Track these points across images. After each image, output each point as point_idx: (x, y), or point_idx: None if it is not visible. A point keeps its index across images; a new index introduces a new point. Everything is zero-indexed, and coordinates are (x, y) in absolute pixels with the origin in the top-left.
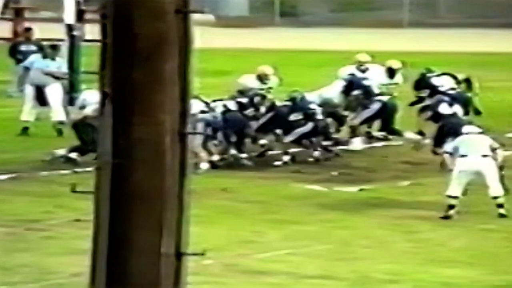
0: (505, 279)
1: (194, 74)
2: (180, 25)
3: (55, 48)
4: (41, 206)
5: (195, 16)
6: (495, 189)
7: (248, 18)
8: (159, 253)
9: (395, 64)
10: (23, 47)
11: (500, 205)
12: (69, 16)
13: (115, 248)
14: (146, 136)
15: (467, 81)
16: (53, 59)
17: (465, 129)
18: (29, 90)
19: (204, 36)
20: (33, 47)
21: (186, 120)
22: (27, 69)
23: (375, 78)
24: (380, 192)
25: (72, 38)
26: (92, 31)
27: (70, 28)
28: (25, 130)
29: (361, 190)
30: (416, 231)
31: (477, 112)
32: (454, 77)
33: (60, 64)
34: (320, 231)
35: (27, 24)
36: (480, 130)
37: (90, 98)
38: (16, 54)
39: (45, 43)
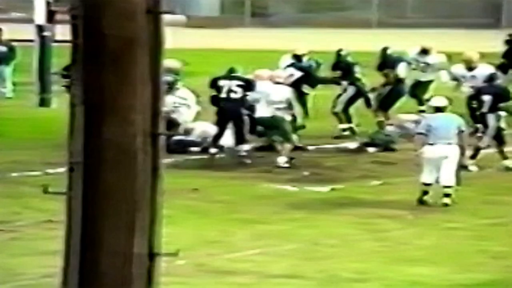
0: (470, 277)
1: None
2: (151, 26)
3: None
4: (8, 207)
5: (166, 17)
6: (448, 178)
7: (219, 19)
8: (132, 254)
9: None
10: None
11: (447, 195)
12: (40, 16)
13: (87, 249)
14: (117, 137)
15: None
16: None
17: (433, 101)
18: None
19: (175, 37)
20: (3, 48)
21: (158, 120)
22: None
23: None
24: (349, 191)
25: (42, 38)
26: (62, 32)
27: (40, 28)
28: None
29: (332, 189)
30: (383, 230)
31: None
32: None
33: None
34: (288, 231)
35: None
36: (446, 104)
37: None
38: None
39: (15, 43)
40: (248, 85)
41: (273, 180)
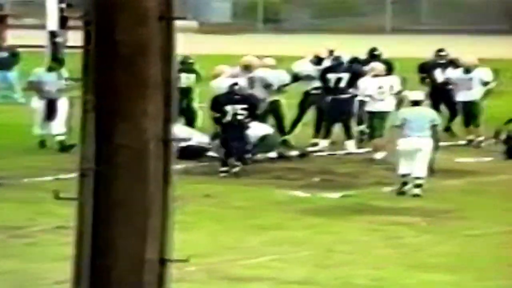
0: (488, 285)
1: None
2: (163, 31)
3: (58, 60)
4: (23, 212)
5: (178, 23)
6: (420, 170)
7: (231, 25)
8: (143, 260)
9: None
10: None
11: (418, 185)
12: (52, 22)
13: (99, 255)
14: (129, 143)
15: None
16: (59, 72)
17: (412, 95)
18: (41, 104)
19: (187, 43)
20: (4, 53)
21: (169, 126)
22: (31, 82)
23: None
24: (363, 198)
25: (54, 44)
26: (74, 37)
27: (53, 34)
28: (42, 143)
29: (343, 196)
30: (398, 237)
31: None
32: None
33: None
34: (303, 237)
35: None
36: (422, 98)
37: None
38: None
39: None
40: (253, 108)
41: (285, 186)
